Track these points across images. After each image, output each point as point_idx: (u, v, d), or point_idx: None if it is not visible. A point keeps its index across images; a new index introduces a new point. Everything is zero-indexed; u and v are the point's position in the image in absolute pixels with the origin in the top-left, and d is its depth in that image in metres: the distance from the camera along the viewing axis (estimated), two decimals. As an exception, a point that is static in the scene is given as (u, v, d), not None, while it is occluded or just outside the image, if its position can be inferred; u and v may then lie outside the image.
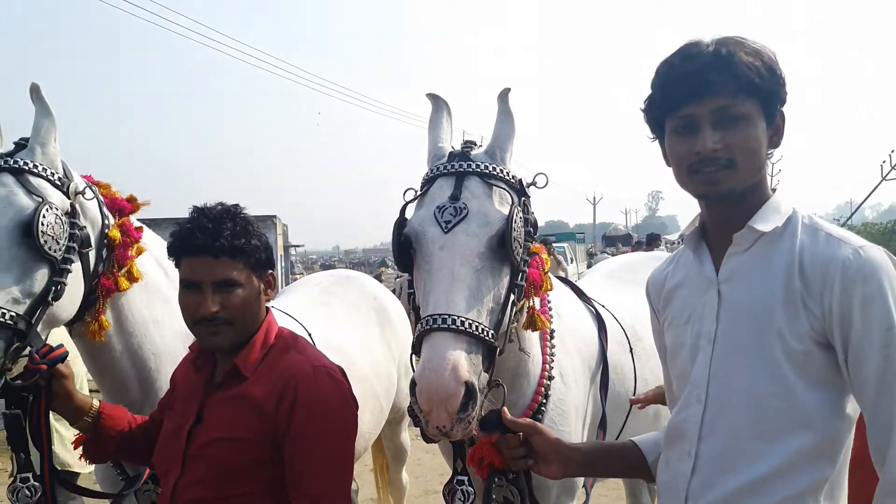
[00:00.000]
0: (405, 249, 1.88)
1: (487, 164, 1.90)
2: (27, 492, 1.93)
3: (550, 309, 2.43)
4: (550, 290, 2.23)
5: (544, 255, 2.20)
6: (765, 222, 1.43)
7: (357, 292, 3.63)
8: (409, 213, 1.96)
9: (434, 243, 1.80)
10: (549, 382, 2.34)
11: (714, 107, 1.40)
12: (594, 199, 69.26)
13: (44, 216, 1.89)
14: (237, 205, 1.82)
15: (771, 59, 1.43)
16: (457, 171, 1.89)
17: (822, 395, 1.35)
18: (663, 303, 1.64)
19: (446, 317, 1.67)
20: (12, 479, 1.95)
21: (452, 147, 2.05)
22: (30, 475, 1.95)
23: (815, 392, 1.35)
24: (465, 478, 2.02)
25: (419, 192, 1.97)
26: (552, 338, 2.40)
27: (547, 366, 2.35)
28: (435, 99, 2.12)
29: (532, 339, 2.29)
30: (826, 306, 1.33)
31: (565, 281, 2.97)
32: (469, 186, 1.86)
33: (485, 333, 1.69)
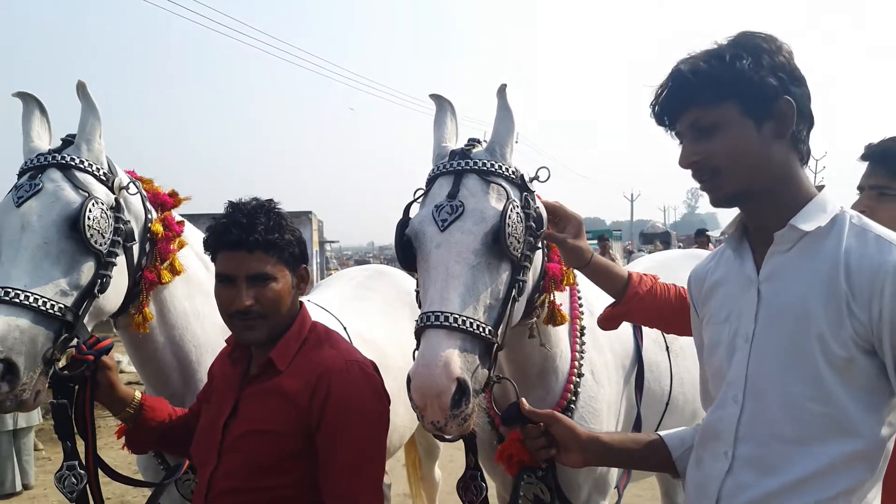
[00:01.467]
0: (407, 249, 1.90)
1: (486, 161, 1.89)
2: (73, 479, 1.97)
3: (581, 305, 2.41)
4: (572, 283, 2.21)
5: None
6: (807, 221, 1.39)
7: (391, 287, 3.65)
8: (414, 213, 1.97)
9: (431, 241, 1.81)
10: (578, 379, 2.33)
11: (689, 121, 1.43)
12: (632, 195, 68.43)
13: (90, 210, 1.93)
14: (271, 200, 1.85)
15: (757, 52, 1.39)
16: (455, 169, 1.90)
17: (864, 401, 1.31)
18: (703, 299, 1.62)
19: (440, 314, 1.67)
20: (59, 467, 2.00)
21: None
22: (76, 463, 1.99)
23: (857, 398, 1.31)
24: (479, 472, 2.02)
25: (423, 192, 1.98)
26: (582, 334, 2.39)
27: (576, 363, 2.34)
28: (439, 99, 2.12)
29: (560, 335, 2.28)
30: (875, 313, 1.28)
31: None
32: (467, 184, 1.87)
33: (480, 330, 1.69)
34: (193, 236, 2.41)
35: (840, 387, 1.31)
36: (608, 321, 2.14)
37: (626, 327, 2.64)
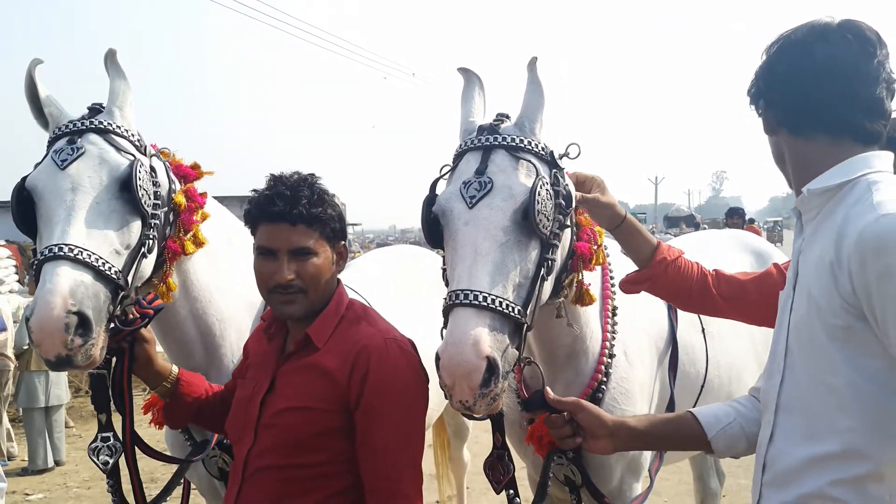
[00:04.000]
0: (435, 226, 1.87)
1: (514, 137, 1.85)
2: (107, 452, 1.99)
3: (613, 284, 2.37)
4: (602, 263, 2.17)
5: (598, 228, 2.14)
6: (817, 182, 1.37)
7: (421, 268, 3.63)
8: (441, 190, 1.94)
9: (459, 219, 1.78)
10: (609, 360, 2.30)
11: None
12: (656, 179, 67.76)
13: (138, 171, 1.97)
14: (313, 174, 1.82)
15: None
16: (483, 145, 1.86)
17: (874, 369, 1.25)
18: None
19: (468, 292, 1.65)
20: (94, 439, 2.01)
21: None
22: (110, 436, 2.01)
23: (863, 367, 1.25)
24: (506, 452, 2.00)
25: (450, 168, 1.95)
26: (614, 314, 2.35)
27: (607, 343, 2.30)
28: (466, 73, 2.08)
29: (590, 315, 2.25)
30: (854, 280, 1.22)
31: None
32: (495, 160, 1.83)
33: (509, 309, 1.67)
34: (217, 211, 2.41)
35: (841, 355, 1.27)
36: (631, 284, 2.12)
37: (660, 308, 2.61)
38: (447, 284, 1.84)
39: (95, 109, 2.10)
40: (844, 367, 1.26)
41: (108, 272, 1.85)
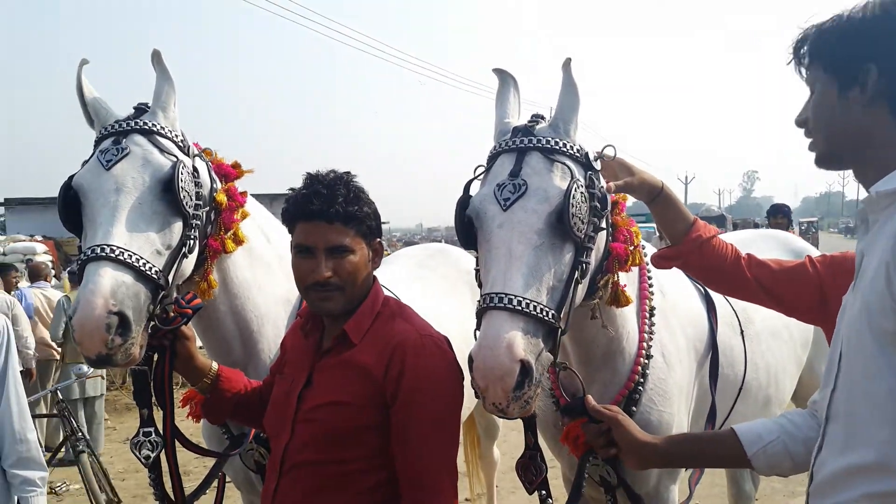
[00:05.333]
0: (468, 228, 1.87)
1: (549, 139, 1.84)
2: (149, 446, 2.02)
3: (651, 285, 2.35)
4: (639, 263, 2.15)
5: (634, 228, 2.13)
6: (886, 184, 1.30)
7: (451, 266, 3.64)
8: (474, 191, 1.94)
9: (493, 221, 1.77)
10: (646, 361, 2.28)
11: None
12: (686, 178, 66.91)
13: (181, 173, 2.00)
14: (349, 172, 1.83)
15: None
16: (518, 146, 1.85)
17: None
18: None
19: (503, 296, 1.65)
20: (135, 433, 2.04)
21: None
22: (151, 430, 2.04)
23: None
24: (538, 452, 2.00)
25: (484, 170, 1.94)
26: (652, 315, 2.33)
27: (645, 344, 2.28)
28: (501, 74, 2.06)
29: (627, 315, 2.23)
30: None
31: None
32: (530, 162, 1.82)
33: (543, 313, 1.67)
34: (256, 210, 2.43)
35: (886, 362, 1.21)
36: (663, 259, 2.11)
37: (699, 310, 2.58)
38: (480, 286, 1.84)
39: (141, 109, 2.13)
40: (888, 373, 1.21)
41: (149, 272, 1.89)
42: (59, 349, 7.21)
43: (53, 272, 11.36)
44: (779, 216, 7.80)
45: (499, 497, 4.76)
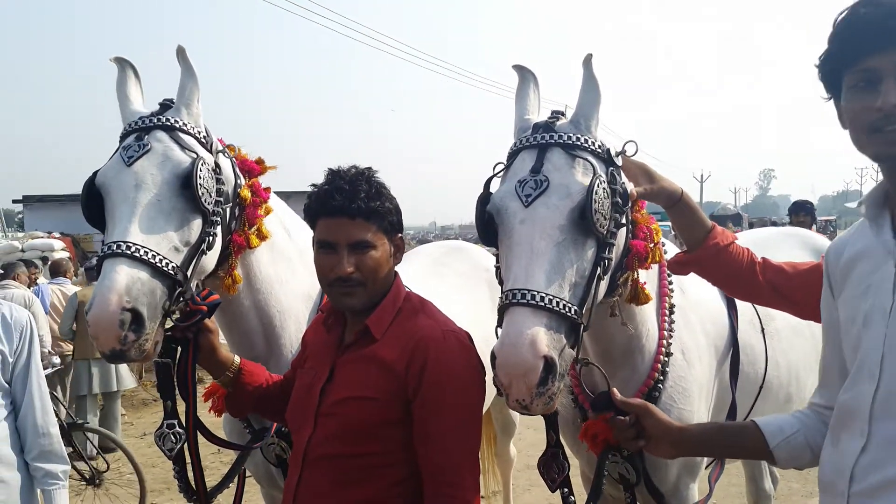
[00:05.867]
0: (489, 224, 1.87)
1: (571, 135, 1.84)
2: (172, 438, 2.04)
3: (671, 282, 2.35)
4: (658, 261, 2.14)
5: (655, 226, 2.12)
6: None
7: (468, 263, 3.63)
8: (494, 188, 1.93)
9: (515, 217, 1.77)
10: (666, 359, 2.27)
11: None
12: (701, 176, 66.43)
13: (200, 169, 2.00)
14: (370, 167, 1.83)
15: None
16: (539, 143, 1.85)
17: None
18: (842, 273, 1.52)
19: (525, 292, 1.65)
20: (160, 425, 2.06)
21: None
22: (175, 422, 2.05)
23: None
24: (560, 450, 2.00)
25: (504, 166, 1.94)
26: (672, 312, 2.32)
27: (664, 341, 2.28)
28: (521, 70, 2.06)
29: (646, 313, 2.22)
30: None
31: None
32: (551, 158, 1.82)
33: (566, 309, 1.66)
34: (277, 205, 2.45)
35: None
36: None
37: (720, 308, 2.57)
38: (501, 283, 1.84)
39: (166, 105, 2.14)
40: None
41: (165, 269, 1.89)
42: (70, 345, 7.26)
43: (72, 268, 11.48)
44: (801, 214, 7.50)
45: (514, 495, 4.76)
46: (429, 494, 1.70)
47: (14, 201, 28.16)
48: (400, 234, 1.86)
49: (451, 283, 3.40)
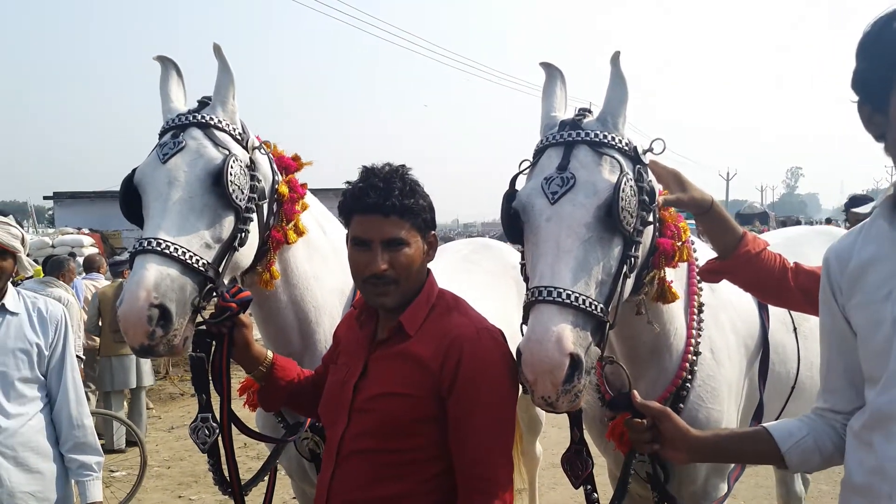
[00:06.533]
0: (514, 221, 1.87)
1: (598, 132, 1.84)
2: (206, 431, 2.06)
3: (700, 281, 2.32)
4: (686, 260, 2.14)
5: (683, 224, 2.10)
6: None
7: (496, 261, 3.62)
8: (520, 185, 1.93)
9: (541, 215, 1.77)
10: (694, 358, 2.26)
11: None
12: (727, 174, 65.61)
13: (231, 166, 2.00)
14: (403, 165, 1.84)
15: None
16: (565, 140, 1.85)
17: None
18: (851, 278, 1.50)
19: (552, 289, 1.65)
20: (194, 418, 2.08)
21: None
22: (209, 416, 2.07)
23: None
24: (584, 447, 1.99)
25: (530, 163, 1.94)
26: (700, 311, 2.31)
27: (693, 340, 2.26)
28: (549, 67, 2.06)
29: (674, 312, 2.21)
30: None
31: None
32: (578, 156, 1.82)
33: (592, 307, 1.66)
34: (312, 202, 2.46)
35: None
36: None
37: (751, 307, 2.54)
38: (526, 280, 1.84)
39: (203, 103, 2.16)
40: None
41: (195, 265, 1.91)
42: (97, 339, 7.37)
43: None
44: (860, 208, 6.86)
45: (539, 493, 4.75)
46: (463, 490, 1.71)
47: (45, 198, 28.68)
48: (433, 232, 1.87)
49: (480, 280, 3.39)
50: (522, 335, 1.70)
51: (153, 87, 2.23)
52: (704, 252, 2.34)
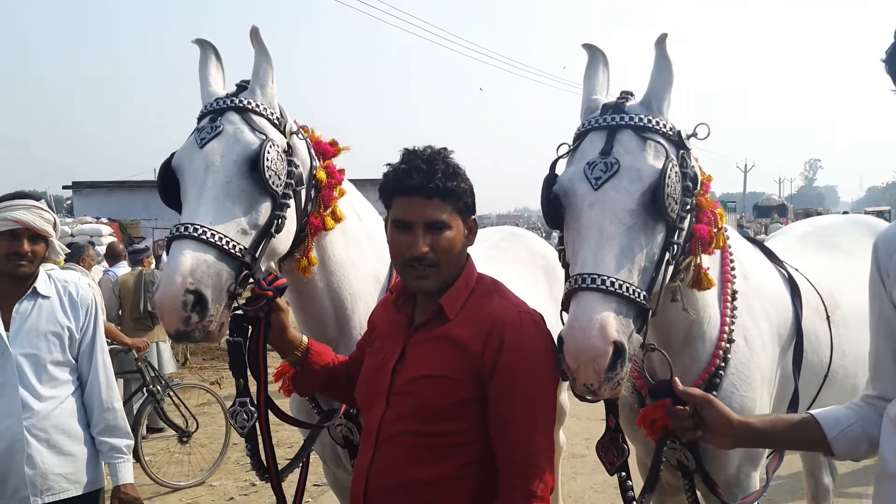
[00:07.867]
0: (555, 207, 1.85)
1: (642, 117, 1.81)
2: (244, 416, 2.06)
3: (733, 268, 2.31)
4: (721, 247, 2.12)
5: (719, 210, 2.08)
6: None
7: (524, 249, 3.62)
8: (560, 169, 1.91)
9: (583, 200, 1.75)
10: (728, 345, 2.24)
11: None
12: (745, 166, 64.93)
13: (268, 152, 1.98)
14: (445, 148, 1.82)
15: None
16: (609, 124, 1.82)
17: None
18: None
19: (595, 276, 1.64)
20: (232, 403, 2.09)
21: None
22: (247, 400, 2.07)
23: None
24: (619, 434, 1.99)
25: (570, 148, 1.91)
26: (734, 299, 2.29)
27: (726, 328, 2.25)
28: (591, 49, 2.03)
29: (708, 299, 2.19)
30: None
31: (754, 242, 2.80)
32: (621, 140, 1.79)
33: (635, 294, 1.65)
34: (349, 189, 2.44)
35: None
36: None
37: (784, 295, 2.52)
38: (565, 266, 1.83)
39: (242, 87, 2.15)
40: None
41: (232, 251, 1.89)
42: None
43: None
44: None
45: (560, 483, 4.75)
46: (503, 475, 1.69)
47: (64, 187, 28.93)
48: (474, 217, 1.85)
49: (508, 268, 3.39)
50: (563, 323, 1.69)
51: (175, 77, 2.23)
52: (737, 237, 2.32)
